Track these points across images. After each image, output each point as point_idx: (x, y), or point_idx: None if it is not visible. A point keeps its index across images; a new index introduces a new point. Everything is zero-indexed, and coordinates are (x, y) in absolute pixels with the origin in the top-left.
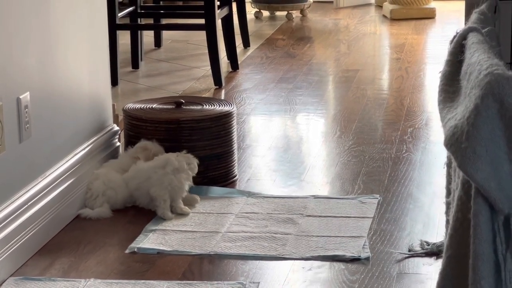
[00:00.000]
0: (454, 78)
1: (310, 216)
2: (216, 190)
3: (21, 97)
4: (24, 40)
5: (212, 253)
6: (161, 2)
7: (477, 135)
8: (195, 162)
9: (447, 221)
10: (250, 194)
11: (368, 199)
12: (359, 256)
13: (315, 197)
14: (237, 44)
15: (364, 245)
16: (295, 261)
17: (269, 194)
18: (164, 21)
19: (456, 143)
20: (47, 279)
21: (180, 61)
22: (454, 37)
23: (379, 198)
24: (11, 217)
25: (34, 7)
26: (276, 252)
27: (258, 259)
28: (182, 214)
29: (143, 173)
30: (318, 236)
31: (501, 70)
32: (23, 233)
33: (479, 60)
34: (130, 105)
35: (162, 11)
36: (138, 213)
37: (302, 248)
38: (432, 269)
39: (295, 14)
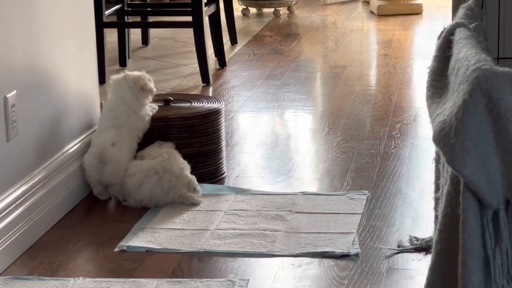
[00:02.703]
0: (442, 74)
1: (299, 212)
2: (204, 187)
3: (8, 96)
4: (10, 39)
5: (202, 250)
6: (148, 0)
7: (465, 131)
8: (173, 148)
9: (436, 217)
10: (239, 191)
11: (357, 195)
12: (349, 252)
13: (304, 193)
14: (224, 41)
15: (353, 241)
16: (285, 258)
17: (258, 191)
18: (151, 19)
19: (445, 139)
20: (36, 278)
21: (168, 59)
22: (442, 32)
23: (368, 194)
24: None
25: (20, 6)
26: (266, 249)
27: (248, 256)
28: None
29: (158, 168)
30: (307, 232)
31: (488, 65)
32: (11, 232)
33: (467, 56)
34: None
35: (149, 9)
36: (126, 212)
37: (291, 245)
38: (421, 264)
39: (282, 10)
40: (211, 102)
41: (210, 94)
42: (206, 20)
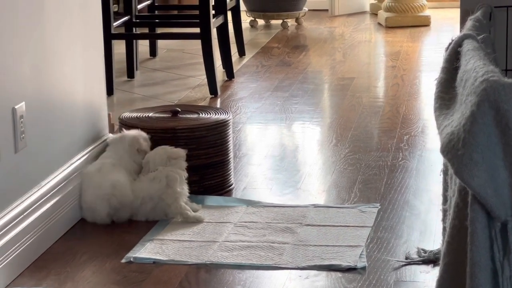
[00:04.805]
0: (450, 85)
1: (309, 225)
2: (216, 199)
3: (16, 107)
4: (19, 50)
5: (208, 262)
6: (156, 11)
7: (473, 142)
8: (182, 159)
9: (444, 229)
10: (250, 203)
11: (368, 208)
12: (355, 265)
13: (315, 206)
14: (232, 53)
15: (361, 254)
16: (292, 270)
17: (269, 203)
18: (159, 30)
19: (453, 150)
20: None
21: (176, 70)
22: (450, 44)
23: (379, 206)
24: (7, 228)
25: (29, 17)
26: (273, 261)
27: (255, 269)
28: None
29: (153, 196)
30: (315, 245)
31: (496, 76)
32: (18, 243)
33: (475, 67)
34: (126, 114)
35: (157, 20)
36: (133, 223)
37: (298, 258)
38: (429, 276)
39: (290, 22)
40: (219, 114)
41: (218, 106)
42: (214, 32)
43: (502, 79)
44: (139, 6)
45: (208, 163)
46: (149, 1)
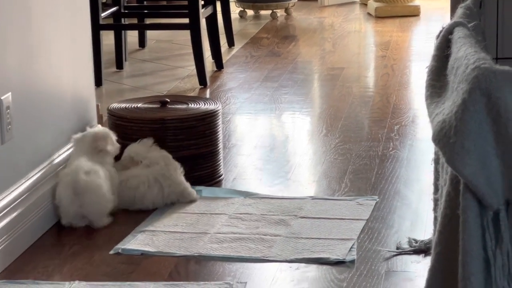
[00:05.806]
0: (441, 73)
1: (304, 217)
2: (213, 190)
3: (2, 98)
4: (5, 40)
5: (197, 254)
6: (145, 2)
7: (465, 130)
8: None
9: (435, 218)
10: (247, 195)
11: (366, 201)
12: (344, 259)
13: (313, 198)
14: (221, 43)
15: (351, 247)
16: (281, 263)
17: (266, 195)
18: (148, 21)
19: (444, 138)
20: (31, 282)
21: (165, 61)
22: (440, 31)
23: (377, 199)
24: None
25: (14, 7)
26: (261, 254)
27: (244, 261)
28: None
29: (157, 176)
30: (307, 238)
31: (488, 64)
32: (6, 236)
33: (466, 54)
34: (115, 105)
35: (146, 11)
36: (123, 215)
37: (288, 250)
38: (420, 266)
39: (280, 13)
40: (208, 104)
41: (207, 96)
42: (203, 22)
43: (493, 66)
44: None
45: (197, 154)
46: None
